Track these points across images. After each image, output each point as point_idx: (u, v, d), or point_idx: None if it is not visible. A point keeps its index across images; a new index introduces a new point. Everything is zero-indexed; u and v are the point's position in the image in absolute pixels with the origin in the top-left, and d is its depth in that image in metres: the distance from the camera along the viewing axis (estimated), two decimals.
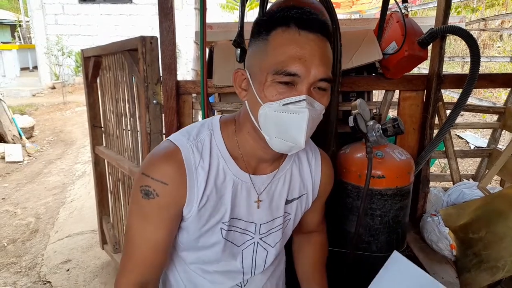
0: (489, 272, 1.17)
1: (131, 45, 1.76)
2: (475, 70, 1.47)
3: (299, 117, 0.77)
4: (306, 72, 0.76)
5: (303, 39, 0.76)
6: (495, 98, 6.67)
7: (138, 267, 0.87)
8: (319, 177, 1.03)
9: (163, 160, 0.84)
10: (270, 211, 0.96)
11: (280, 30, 0.77)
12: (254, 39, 0.82)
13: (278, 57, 0.76)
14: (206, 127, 0.90)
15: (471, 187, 1.62)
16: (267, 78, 0.77)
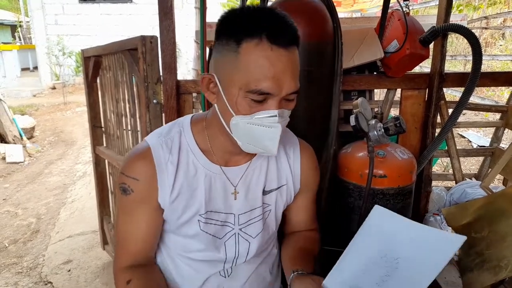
0: (492, 271, 1.16)
1: (131, 45, 1.75)
2: (477, 69, 1.46)
3: (272, 131, 0.81)
4: (278, 90, 0.78)
5: (275, 56, 0.76)
6: (498, 97, 6.65)
7: (128, 254, 0.95)
8: (299, 168, 1.04)
9: (135, 159, 0.91)
10: (248, 202, 0.98)
11: (252, 44, 0.76)
12: (222, 44, 0.81)
13: (251, 75, 0.77)
14: (176, 125, 0.96)
15: (473, 186, 1.61)
16: (239, 92, 0.79)
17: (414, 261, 0.85)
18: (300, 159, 1.04)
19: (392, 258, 0.87)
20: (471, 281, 1.22)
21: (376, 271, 0.87)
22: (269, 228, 1.04)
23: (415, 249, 0.87)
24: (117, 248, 0.97)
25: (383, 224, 0.92)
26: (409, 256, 0.86)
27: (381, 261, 0.88)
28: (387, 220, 0.92)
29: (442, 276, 1.29)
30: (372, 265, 0.88)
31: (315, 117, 1.44)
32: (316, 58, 1.37)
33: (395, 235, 0.90)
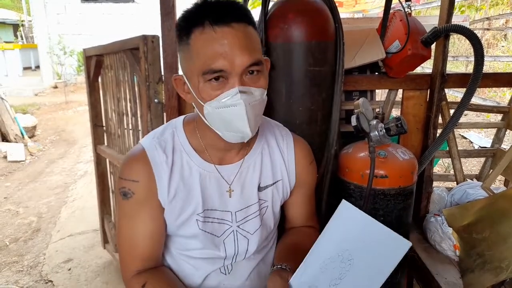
0: (492, 272, 1.16)
1: (132, 44, 1.75)
2: (479, 69, 1.45)
3: (237, 109, 0.80)
4: (230, 65, 0.78)
5: (219, 35, 0.78)
6: (499, 98, 6.63)
7: (137, 259, 0.94)
8: (293, 163, 1.05)
9: (131, 162, 0.93)
10: (243, 199, 0.99)
11: (198, 33, 0.79)
12: (179, 44, 0.85)
13: (202, 60, 0.79)
14: (170, 127, 0.98)
15: (474, 187, 1.61)
16: (199, 79, 0.81)
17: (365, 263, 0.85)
18: (295, 154, 1.05)
19: (346, 259, 0.87)
20: (472, 282, 1.22)
21: (332, 272, 0.87)
22: (267, 225, 1.05)
23: (368, 249, 0.86)
24: (124, 256, 0.96)
25: (348, 221, 0.91)
26: (362, 257, 0.86)
27: (337, 260, 0.88)
28: (352, 217, 0.91)
29: (442, 277, 1.29)
30: (330, 264, 0.88)
31: (316, 117, 1.44)
32: (318, 58, 1.37)
33: (354, 233, 0.89)
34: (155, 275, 0.95)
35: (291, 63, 1.35)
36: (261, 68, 0.83)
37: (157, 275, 0.95)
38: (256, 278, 1.06)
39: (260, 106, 0.86)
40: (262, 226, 1.03)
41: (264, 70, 0.86)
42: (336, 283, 0.85)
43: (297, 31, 1.34)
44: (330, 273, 0.87)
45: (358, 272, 0.85)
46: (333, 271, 0.87)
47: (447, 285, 1.25)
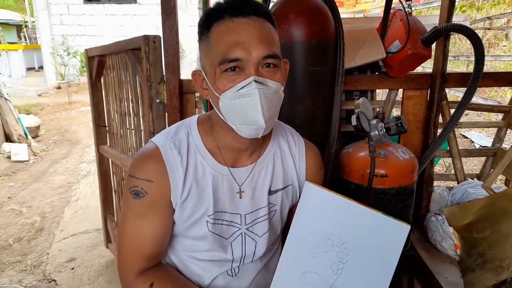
0: (493, 272, 1.17)
1: (134, 45, 1.76)
2: (479, 69, 1.46)
3: (252, 99, 0.80)
4: (247, 55, 0.80)
5: (237, 25, 0.80)
6: (500, 98, 6.61)
7: (142, 259, 0.93)
8: (304, 168, 1.05)
9: (145, 160, 0.91)
10: (254, 202, 0.99)
11: (216, 24, 0.82)
12: (200, 40, 0.87)
13: (219, 49, 0.81)
14: (184, 126, 0.97)
15: (475, 186, 1.61)
16: (216, 71, 0.82)
17: (364, 249, 0.84)
18: (306, 159, 1.05)
19: (338, 242, 0.86)
20: (473, 281, 1.23)
21: (326, 256, 0.86)
22: (274, 228, 1.05)
23: (360, 234, 0.85)
24: (126, 255, 0.94)
25: (319, 204, 0.90)
26: (356, 242, 0.85)
27: (327, 244, 0.87)
28: (323, 199, 0.90)
29: (443, 276, 1.29)
30: (319, 249, 0.87)
31: (317, 117, 1.45)
32: (318, 57, 1.38)
33: (334, 216, 0.88)
34: (160, 274, 0.94)
35: (291, 62, 1.34)
36: (278, 63, 0.84)
37: (163, 273, 0.95)
38: (262, 281, 1.07)
39: (276, 100, 0.85)
40: (270, 229, 1.03)
41: (282, 67, 0.86)
42: (339, 267, 0.85)
43: (297, 31, 1.35)
44: (324, 257, 0.86)
45: (359, 259, 0.84)
46: (328, 255, 0.86)
47: (448, 284, 1.26)
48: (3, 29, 15.35)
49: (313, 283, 0.85)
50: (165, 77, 1.64)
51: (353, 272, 0.84)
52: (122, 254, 0.95)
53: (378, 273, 0.82)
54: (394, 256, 0.82)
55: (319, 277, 0.86)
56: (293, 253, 0.88)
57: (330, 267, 0.85)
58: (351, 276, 0.84)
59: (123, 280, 0.95)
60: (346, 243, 0.86)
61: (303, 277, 0.87)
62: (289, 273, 0.88)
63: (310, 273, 0.87)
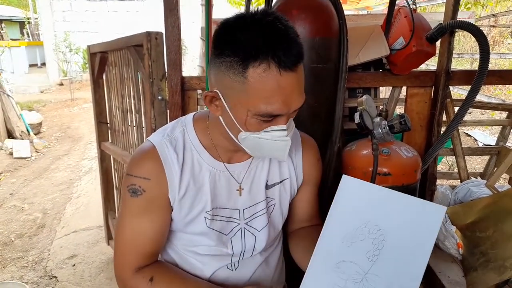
0: (496, 271, 1.16)
1: (136, 41, 1.75)
2: (484, 66, 1.44)
3: (282, 144, 0.83)
4: (287, 110, 0.79)
5: (285, 80, 0.75)
6: (505, 96, 6.58)
7: (140, 256, 0.93)
8: (301, 161, 1.05)
9: (142, 159, 0.91)
10: (251, 196, 0.99)
11: (259, 71, 0.74)
12: (225, 63, 0.77)
13: (258, 99, 0.76)
14: (179, 124, 0.97)
15: (479, 185, 1.59)
16: (248, 114, 0.79)
17: (400, 234, 0.84)
18: (302, 152, 1.05)
19: (374, 229, 0.86)
20: (475, 281, 1.22)
21: (362, 244, 0.86)
22: (274, 223, 1.05)
23: (396, 219, 0.85)
24: (124, 253, 0.93)
25: (355, 195, 0.90)
26: (392, 227, 0.85)
27: (363, 232, 0.86)
28: (359, 190, 0.90)
29: (445, 275, 1.28)
30: (356, 238, 0.87)
31: (320, 114, 1.43)
32: (322, 54, 1.37)
33: (370, 205, 0.88)
34: (160, 268, 0.94)
35: None
36: None
37: (162, 267, 0.95)
38: (262, 275, 1.07)
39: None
40: (270, 224, 1.03)
41: None
42: (375, 254, 0.84)
43: (300, 28, 1.33)
44: (360, 245, 0.86)
45: (395, 244, 0.84)
46: (364, 243, 0.86)
47: (450, 283, 1.25)
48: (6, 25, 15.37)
49: (348, 273, 0.85)
50: (167, 74, 1.64)
51: (389, 257, 0.83)
52: (119, 252, 0.94)
53: (414, 257, 0.82)
54: (430, 238, 0.82)
55: (354, 266, 0.85)
56: (328, 246, 0.88)
57: (365, 255, 0.85)
58: (387, 261, 0.83)
59: (120, 278, 0.94)
60: (383, 229, 0.86)
61: (337, 267, 0.87)
62: (324, 265, 0.88)
63: (345, 262, 0.86)
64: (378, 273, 0.83)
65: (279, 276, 1.16)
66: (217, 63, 0.79)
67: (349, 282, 0.84)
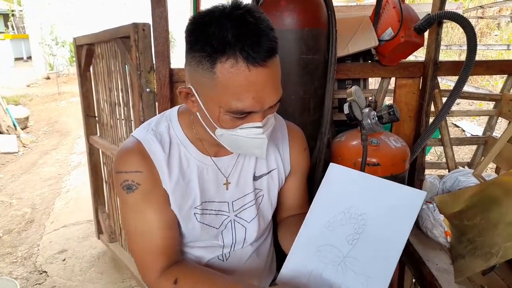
0: (483, 258, 1.17)
1: (123, 33, 1.73)
2: (471, 56, 1.45)
3: (258, 141, 0.82)
4: (260, 106, 0.76)
5: (254, 76, 0.72)
6: (492, 87, 6.66)
7: (159, 255, 0.89)
8: (288, 150, 1.04)
9: (129, 154, 0.89)
10: (239, 188, 0.99)
11: (228, 65, 0.71)
12: (195, 59, 0.75)
13: (229, 96, 0.74)
14: (164, 119, 0.95)
15: (466, 174, 1.62)
16: (220, 110, 0.77)
17: (380, 218, 0.85)
18: (289, 142, 1.05)
19: (356, 214, 0.87)
20: (463, 268, 1.24)
21: (343, 229, 0.87)
22: (264, 214, 1.05)
23: (378, 204, 0.87)
24: (141, 256, 0.90)
25: (341, 182, 0.91)
26: (374, 212, 0.86)
27: (345, 217, 0.88)
28: (345, 177, 0.92)
29: (433, 263, 1.30)
30: (337, 222, 0.88)
31: (309, 106, 1.43)
32: (311, 45, 1.36)
33: (355, 191, 0.90)
34: (184, 269, 0.90)
35: (283, 50, 1.32)
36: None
37: (186, 268, 0.90)
38: (253, 265, 1.07)
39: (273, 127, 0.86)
40: (259, 215, 1.03)
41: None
42: (355, 237, 0.85)
43: (289, 18, 1.33)
44: (341, 230, 0.87)
45: (375, 228, 0.85)
46: (345, 228, 0.87)
47: (438, 271, 1.26)
48: None
49: (329, 256, 0.87)
50: (155, 66, 1.61)
51: (368, 241, 0.85)
52: (138, 257, 0.91)
53: (392, 240, 0.84)
54: (409, 222, 0.84)
55: (334, 249, 0.87)
56: (311, 231, 0.90)
57: (345, 239, 0.86)
58: (365, 245, 0.85)
59: (147, 282, 0.91)
60: (364, 213, 0.87)
61: (318, 251, 0.88)
62: (305, 250, 0.89)
63: (325, 246, 0.88)
64: (357, 256, 0.85)
65: (270, 266, 1.17)
66: (189, 59, 0.78)
67: (328, 265, 0.86)
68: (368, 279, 0.82)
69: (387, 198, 0.87)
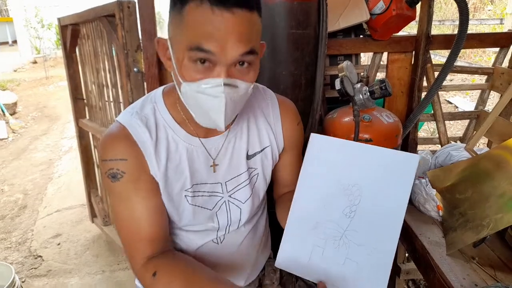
0: (474, 230, 1.19)
1: (108, 11, 1.68)
2: (463, 29, 1.43)
3: (217, 102, 0.76)
4: (221, 51, 0.72)
5: (217, 18, 0.70)
6: (485, 62, 6.66)
7: (145, 243, 0.87)
8: (280, 127, 1.01)
9: (113, 140, 0.86)
10: (232, 168, 0.96)
11: (194, 5, 0.71)
12: (171, 8, 0.77)
13: (192, 35, 0.72)
14: (149, 101, 0.91)
15: (458, 148, 1.62)
16: (183, 55, 0.74)
17: (375, 187, 0.83)
18: (281, 117, 1.01)
19: (349, 185, 0.84)
20: (454, 240, 1.25)
21: (338, 202, 0.85)
22: (258, 193, 1.03)
23: (370, 173, 0.84)
24: (128, 243, 0.88)
25: (326, 152, 0.88)
26: (367, 181, 0.84)
27: (338, 190, 0.85)
28: (329, 147, 0.88)
29: (426, 237, 1.31)
30: (330, 197, 0.85)
31: (300, 82, 1.41)
32: (301, 20, 1.33)
33: (343, 161, 0.86)
34: (165, 261, 0.87)
35: (272, 25, 1.30)
36: (253, 60, 0.77)
37: (168, 260, 0.87)
38: (248, 246, 1.07)
39: (242, 100, 0.81)
40: (253, 194, 1.01)
41: (257, 62, 0.79)
42: (352, 209, 0.83)
43: None
44: (336, 203, 0.85)
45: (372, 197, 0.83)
46: (339, 201, 0.84)
47: (431, 244, 1.28)
48: None
49: (327, 232, 0.84)
50: (142, 45, 1.57)
51: (367, 211, 0.82)
52: (125, 244, 0.89)
53: (392, 208, 0.81)
54: (406, 187, 0.81)
55: (332, 224, 0.84)
56: (303, 207, 0.87)
57: (342, 212, 0.84)
58: (365, 216, 0.82)
59: (133, 268, 0.90)
60: (357, 184, 0.84)
61: (315, 227, 0.85)
62: (300, 228, 0.86)
63: (322, 222, 0.85)
64: (357, 228, 0.83)
65: (265, 244, 1.16)
66: (169, 13, 0.78)
67: (329, 241, 0.84)
68: (373, 249, 0.81)
69: (379, 165, 0.84)
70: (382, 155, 0.85)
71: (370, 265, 0.81)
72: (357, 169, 0.85)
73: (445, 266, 1.16)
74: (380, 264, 0.80)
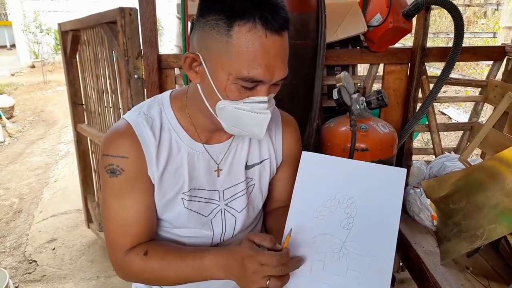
0: (468, 240, 1.20)
1: (109, 17, 1.70)
2: (458, 42, 1.46)
3: (261, 117, 0.80)
4: (270, 78, 0.76)
5: (270, 43, 0.73)
6: (478, 75, 6.74)
7: (130, 238, 0.89)
8: (281, 141, 1.04)
9: (117, 137, 0.88)
10: (231, 177, 0.98)
11: (245, 29, 0.72)
12: (209, 23, 0.75)
13: (244, 62, 0.73)
14: (156, 103, 0.93)
15: (452, 159, 1.64)
16: (229, 78, 0.76)
17: (369, 200, 0.87)
18: (282, 132, 1.04)
19: (344, 199, 0.88)
20: (448, 250, 1.26)
21: (335, 215, 0.87)
22: (254, 203, 1.04)
23: (363, 187, 0.88)
24: (113, 236, 0.90)
25: (317, 169, 0.91)
26: (361, 195, 0.88)
27: (334, 203, 0.88)
28: (321, 164, 0.92)
29: (420, 246, 1.33)
30: (326, 211, 0.88)
31: (298, 91, 1.44)
32: (300, 30, 1.36)
33: (335, 177, 0.90)
34: (154, 241, 0.91)
35: None
36: None
37: (155, 242, 0.92)
38: None
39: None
40: (249, 204, 1.02)
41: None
42: (349, 221, 0.86)
43: None
44: (332, 217, 0.87)
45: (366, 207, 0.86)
46: (336, 214, 0.87)
47: (425, 253, 1.29)
48: None
49: (326, 245, 0.86)
50: (143, 52, 1.59)
51: (363, 222, 0.86)
52: (109, 238, 0.91)
53: (386, 218, 0.85)
54: (397, 199, 0.86)
55: (331, 237, 0.87)
56: (298, 223, 0.88)
57: (340, 224, 0.86)
58: (362, 226, 0.85)
59: (114, 262, 0.92)
60: (353, 197, 0.88)
61: (313, 242, 0.87)
62: (298, 244, 0.88)
63: (320, 235, 0.87)
64: (356, 239, 0.85)
65: None
66: (202, 23, 0.77)
67: (328, 253, 0.86)
68: (373, 258, 0.83)
69: (369, 179, 0.88)
70: (372, 170, 0.89)
71: (371, 273, 0.83)
72: (350, 184, 0.89)
73: (439, 275, 1.18)
74: (381, 271, 0.83)
